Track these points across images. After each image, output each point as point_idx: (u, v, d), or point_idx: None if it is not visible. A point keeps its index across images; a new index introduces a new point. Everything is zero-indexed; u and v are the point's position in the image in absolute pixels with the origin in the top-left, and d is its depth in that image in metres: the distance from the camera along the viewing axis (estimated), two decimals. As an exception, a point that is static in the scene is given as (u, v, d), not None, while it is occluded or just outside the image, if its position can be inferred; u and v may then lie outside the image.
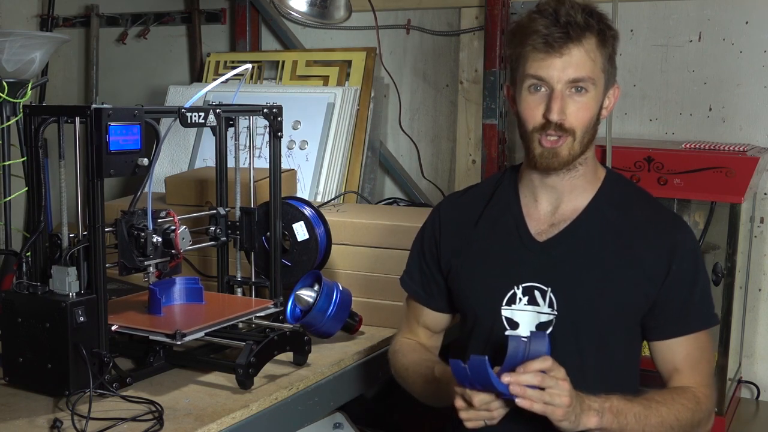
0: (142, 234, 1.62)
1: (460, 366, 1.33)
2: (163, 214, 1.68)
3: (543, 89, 1.47)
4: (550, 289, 1.51)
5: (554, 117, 1.45)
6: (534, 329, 1.52)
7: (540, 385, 1.31)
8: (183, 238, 1.67)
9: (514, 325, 1.53)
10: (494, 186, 1.65)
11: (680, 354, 1.53)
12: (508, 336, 1.47)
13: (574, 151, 1.49)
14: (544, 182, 1.55)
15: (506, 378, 1.30)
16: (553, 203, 1.56)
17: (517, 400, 1.31)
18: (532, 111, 1.48)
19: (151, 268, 1.66)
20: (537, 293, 1.52)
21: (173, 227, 1.67)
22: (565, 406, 1.31)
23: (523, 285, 1.53)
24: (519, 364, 1.33)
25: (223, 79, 1.76)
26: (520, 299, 1.53)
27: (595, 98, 1.48)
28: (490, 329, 1.56)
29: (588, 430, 1.38)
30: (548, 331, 1.50)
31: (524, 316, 1.53)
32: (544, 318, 1.51)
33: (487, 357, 1.29)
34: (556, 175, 1.53)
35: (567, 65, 1.45)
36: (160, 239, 1.65)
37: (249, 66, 1.83)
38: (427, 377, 1.58)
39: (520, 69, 1.49)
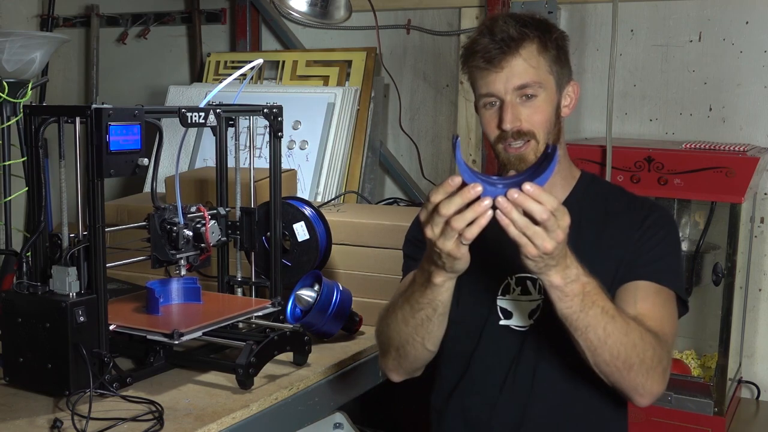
0: (174, 228, 1.68)
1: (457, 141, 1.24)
2: (193, 209, 1.74)
3: (496, 103, 1.54)
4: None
5: (507, 126, 1.51)
6: (526, 317, 1.55)
7: (542, 223, 1.23)
8: (213, 232, 1.75)
9: (508, 314, 1.57)
10: None
11: (647, 300, 1.49)
12: None
13: (540, 153, 1.52)
14: None
15: (514, 194, 1.22)
16: None
17: (498, 214, 1.22)
18: (490, 125, 1.55)
19: (182, 261, 1.72)
20: (528, 282, 1.56)
21: (203, 222, 1.73)
22: (542, 251, 1.26)
23: (516, 276, 1.57)
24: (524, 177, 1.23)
25: (237, 74, 1.75)
26: (514, 289, 1.57)
27: (547, 100, 1.53)
28: (486, 318, 1.59)
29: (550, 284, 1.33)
30: (536, 316, 1.54)
31: (517, 305, 1.57)
32: (533, 305, 1.55)
33: (458, 136, 1.26)
34: None
35: (509, 76, 1.51)
36: (191, 233, 1.72)
37: (261, 60, 1.83)
38: (406, 294, 1.49)
39: (475, 88, 1.57)
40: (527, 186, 1.22)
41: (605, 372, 1.41)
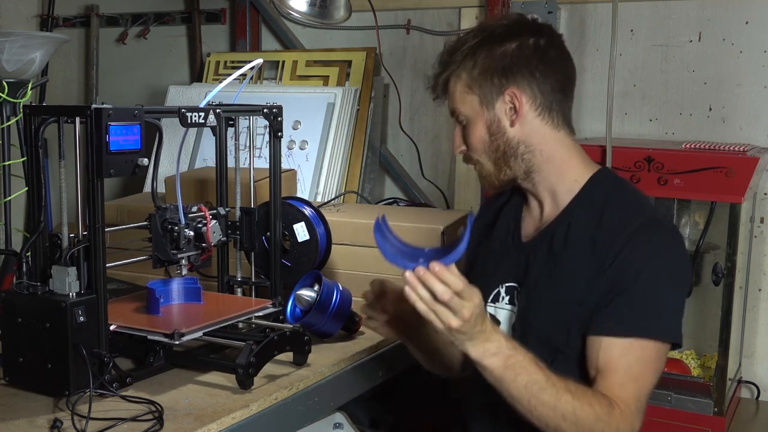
0: (176, 228, 1.69)
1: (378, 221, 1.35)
2: (194, 209, 1.75)
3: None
4: (519, 286, 1.58)
5: (454, 152, 1.63)
6: (510, 328, 1.58)
7: (446, 303, 1.27)
8: (214, 232, 1.75)
9: (497, 322, 1.60)
10: (511, 189, 1.70)
11: (609, 363, 1.42)
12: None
13: (490, 171, 1.58)
14: (523, 189, 1.65)
15: (420, 271, 1.26)
16: (537, 208, 1.63)
17: (407, 290, 1.28)
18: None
19: (183, 261, 1.73)
20: (515, 292, 1.59)
21: (204, 221, 1.74)
22: (447, 326, 1.29)
23: (506, 284, 1.60)
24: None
25: (237, 74, 1.75)
26: (503, 297, 1.60)
27: (478, 122, 1.55)
28: None
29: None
30: (512, 323, 1.57)
31: (504, 313, 1.60)
32: (514, 318, 1.58)
33: (383, 216, 1.34)
34: (520, 185, 1.61)
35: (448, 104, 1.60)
36: (192, 233, 1.72)
37: (261, 60, 1.84)
38: None
39: None
40: (433, 265, 1.26)
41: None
